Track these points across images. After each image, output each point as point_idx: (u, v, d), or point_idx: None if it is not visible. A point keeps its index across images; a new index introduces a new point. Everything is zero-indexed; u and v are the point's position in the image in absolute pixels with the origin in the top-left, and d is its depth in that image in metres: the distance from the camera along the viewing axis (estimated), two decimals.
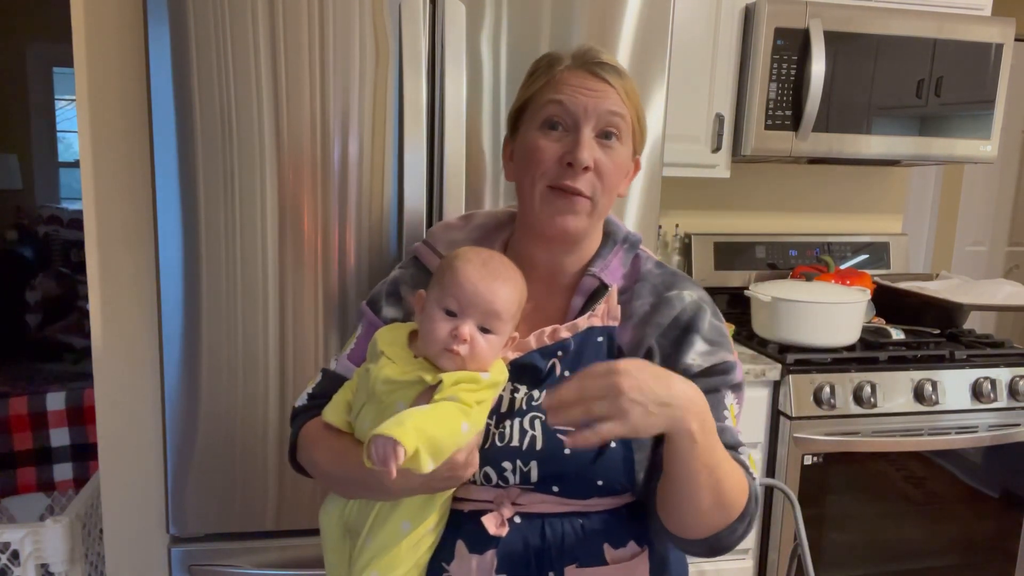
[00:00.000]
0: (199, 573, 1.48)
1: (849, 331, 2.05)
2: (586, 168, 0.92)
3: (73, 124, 3.86)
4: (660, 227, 2.31)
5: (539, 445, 0.92)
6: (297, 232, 1.42)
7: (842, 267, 2.47)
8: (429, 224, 1.47)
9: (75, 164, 4.41)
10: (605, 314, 0.98)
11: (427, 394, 0.88)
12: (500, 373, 0.92)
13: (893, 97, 2.17)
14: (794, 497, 1.83)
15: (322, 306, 1.46)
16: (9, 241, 3.67)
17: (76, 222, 3.54)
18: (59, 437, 2.16)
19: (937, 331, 2.20)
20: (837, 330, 2.04)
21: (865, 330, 2.11)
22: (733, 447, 0.93)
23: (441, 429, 0.83)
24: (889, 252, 2.62)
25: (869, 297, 2.12)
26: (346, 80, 1.40)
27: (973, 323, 2.34)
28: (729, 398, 0.97)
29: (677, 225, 2.49)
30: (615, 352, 0.97)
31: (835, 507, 2.01)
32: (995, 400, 2.04)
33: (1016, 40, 2.27)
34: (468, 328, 0.89)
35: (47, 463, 2.16)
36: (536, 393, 0.95)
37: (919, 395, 1.99)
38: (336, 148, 1.41)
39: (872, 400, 1.96)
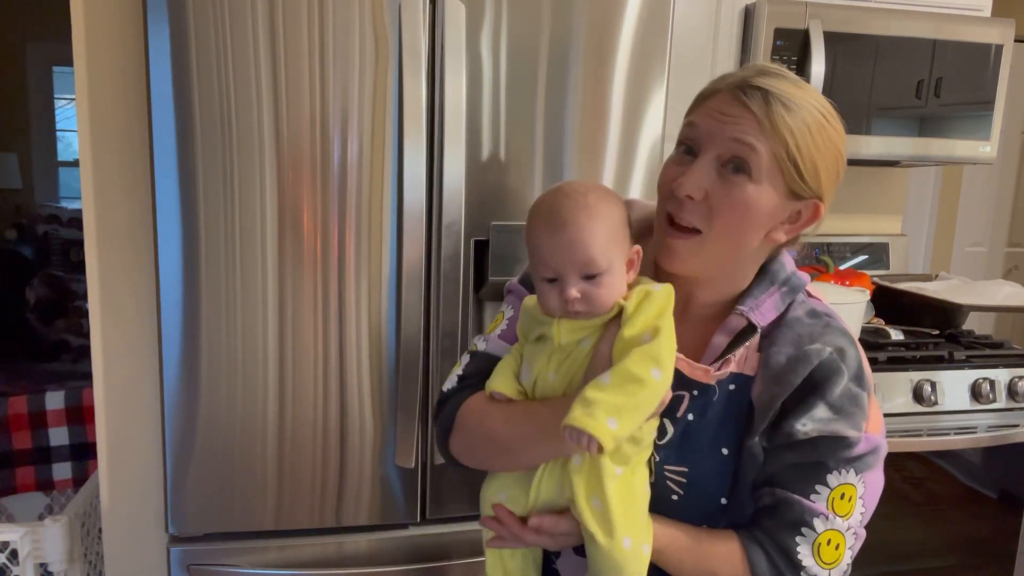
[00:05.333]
0: (198, 573, 1.48)
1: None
2: (689, 197, 0.85)
3: (73, 123, 3.86)
4: None
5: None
6: (297, 232, 1.42)
7: (841, 267, 2.47)
8: (429, 224, 1.47)
9: (75, 163, 4.41)
10: (743, 359, 0.90)
11: (613, 325, 0.85)
12: (653, 282, 0.88)
13: (893, 98, 2.17)
14: None
15: (321, 305, 1.45)
16: (9, 240, 3.67)
17: (75, 221, 3.54)
18: (58, 436, 2.16)
19: (936, 332, 2.20)
20: None
21: (864, 331, 2.10)
22: (795, 524, 0.85)
23: (634, 397, 0.79)
24: (888, 253, 2.61)
25: (868, 298, 2.12)
26: (346, 80, 1.40)
27: (972, 324, 2.34)
28: (837, 477, 0.85)
29: None
30: (745, 406, 0.89)
31: None
32: (994, 401, 2.04)
33: (1016, 41, 2.27)
34: (572, 289, 0.84)
35: (46, 462, 2.16)
36: (667, 429, 0.90)
37: (918, 396, 1.99)
38: (336, 148, 1.41)
39: None
